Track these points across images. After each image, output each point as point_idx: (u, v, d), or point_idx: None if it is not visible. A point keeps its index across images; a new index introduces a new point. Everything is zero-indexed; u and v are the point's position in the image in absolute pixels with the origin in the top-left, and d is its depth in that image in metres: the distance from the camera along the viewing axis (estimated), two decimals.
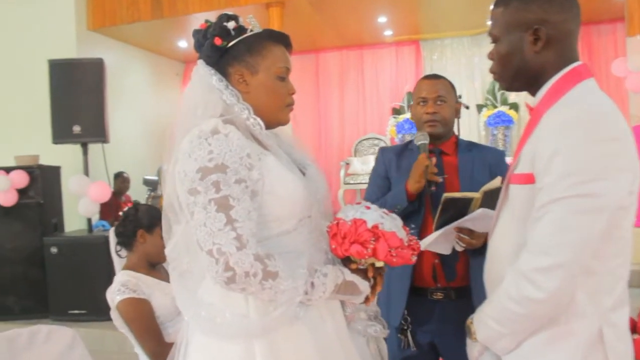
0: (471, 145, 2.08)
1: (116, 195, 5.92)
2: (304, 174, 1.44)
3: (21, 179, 4.50)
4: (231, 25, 1.38)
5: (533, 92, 1.32)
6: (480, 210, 1.67)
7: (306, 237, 1.36)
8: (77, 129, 4.57)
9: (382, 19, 6.97)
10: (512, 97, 7.09)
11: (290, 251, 1.30)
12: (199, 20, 7.27)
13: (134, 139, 7.03)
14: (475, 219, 1.70)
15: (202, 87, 1.37)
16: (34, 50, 5.82)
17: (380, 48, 8.17)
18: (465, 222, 1.72)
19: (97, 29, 6.29)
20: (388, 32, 7.61)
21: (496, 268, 1.31)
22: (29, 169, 4.58)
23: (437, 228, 1.74)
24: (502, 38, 1.30)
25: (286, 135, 1.55)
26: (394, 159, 2.07)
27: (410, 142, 2.13)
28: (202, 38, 1.40)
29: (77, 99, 4.59)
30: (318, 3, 6.14)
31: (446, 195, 1.73)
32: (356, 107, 8.35)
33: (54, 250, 4.41)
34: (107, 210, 5.35)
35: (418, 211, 1.92)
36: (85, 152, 4.75)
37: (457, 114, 2.09)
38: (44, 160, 4.85)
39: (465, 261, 1.92)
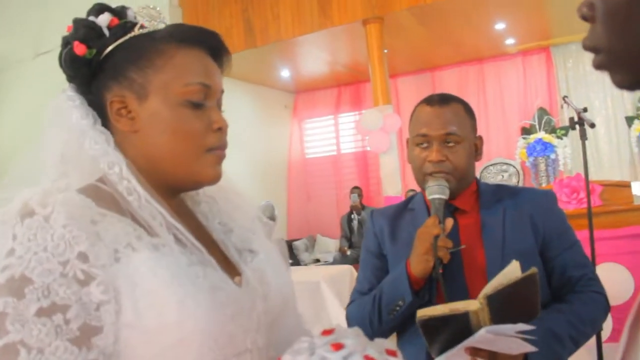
0: (500, 192, 1.35)
1: None
2: (239, 272, 0.81)
3: None
4: (104, 21, 0.81)
5: None
6: (483, 331, 0.99)
7: None
8: None
9: (499, 26, 6.02)
10: None
11: None
12: (296, 45, 6.76)
13: (238, 176, 6.72)
14: (482, 342, 1.03)
15: (57, 128, 0.81)
16: None
17: (503, 59, 7.16)
18: (473, 344, 1.04)
19: None
20: (510, 41, 6.61)
21: None
22: None
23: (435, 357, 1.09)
24: None
25: (229, 196, 0.95)
26: (386, 227, 1.38)
27: (413, 197, 1.42)
28: (64, 47, 0.84)
29: None
30: (422, 15, 5.41)
31: (420, 316, 1.04)
32: (479, 128, 7.38)
33: None
34: None
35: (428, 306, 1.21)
36: None
37: (477, 153, 1.38)
38: None
39: None
